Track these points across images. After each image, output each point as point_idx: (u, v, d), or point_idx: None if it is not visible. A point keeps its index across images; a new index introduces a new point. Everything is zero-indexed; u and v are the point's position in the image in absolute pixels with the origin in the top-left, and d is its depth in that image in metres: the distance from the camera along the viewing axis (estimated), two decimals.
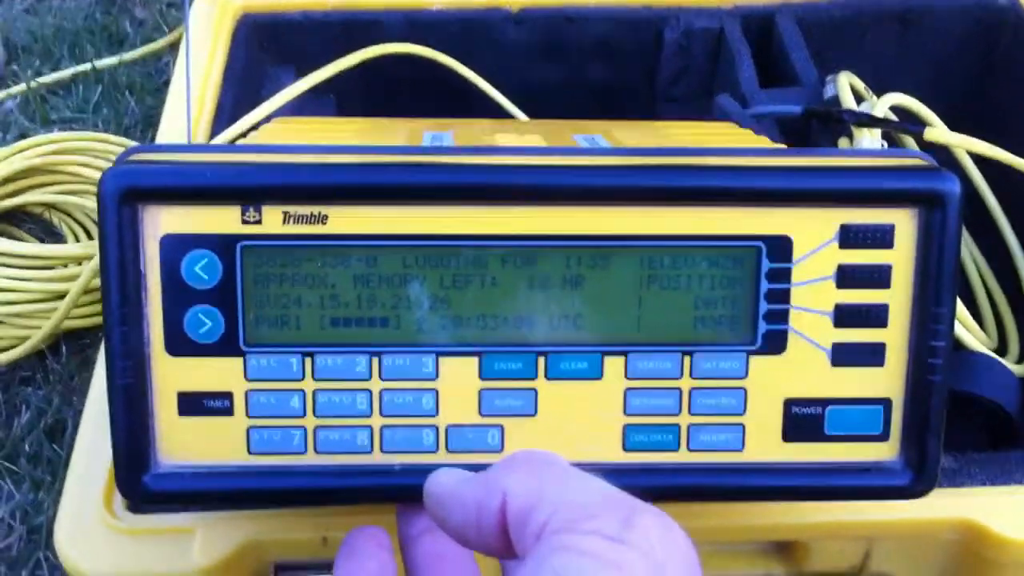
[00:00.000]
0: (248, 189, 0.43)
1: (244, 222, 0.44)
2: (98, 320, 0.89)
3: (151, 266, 0.44)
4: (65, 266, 0.90)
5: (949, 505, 0.53)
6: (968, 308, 0.65)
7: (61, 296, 0.87)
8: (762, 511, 0.52)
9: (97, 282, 0.82)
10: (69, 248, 0.92)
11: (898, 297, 0.45)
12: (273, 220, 0.44)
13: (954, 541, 0.53)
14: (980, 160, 0.72)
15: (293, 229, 0.44)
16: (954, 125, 0.74)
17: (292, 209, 0.44)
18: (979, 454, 0.55)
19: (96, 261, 0.82)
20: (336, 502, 0.48)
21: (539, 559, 0.30)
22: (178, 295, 0.44)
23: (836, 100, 0.73)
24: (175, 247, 0.44)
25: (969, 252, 0.76)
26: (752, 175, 0.44)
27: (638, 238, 0.44)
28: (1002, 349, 0.70)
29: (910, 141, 0.72)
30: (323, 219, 0.44)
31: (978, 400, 0.61)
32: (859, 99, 0.74)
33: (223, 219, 0.44)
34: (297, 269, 0.44)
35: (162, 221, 0.44)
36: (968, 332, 0.64)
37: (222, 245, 0.44)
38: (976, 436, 0.62)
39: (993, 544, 0.52)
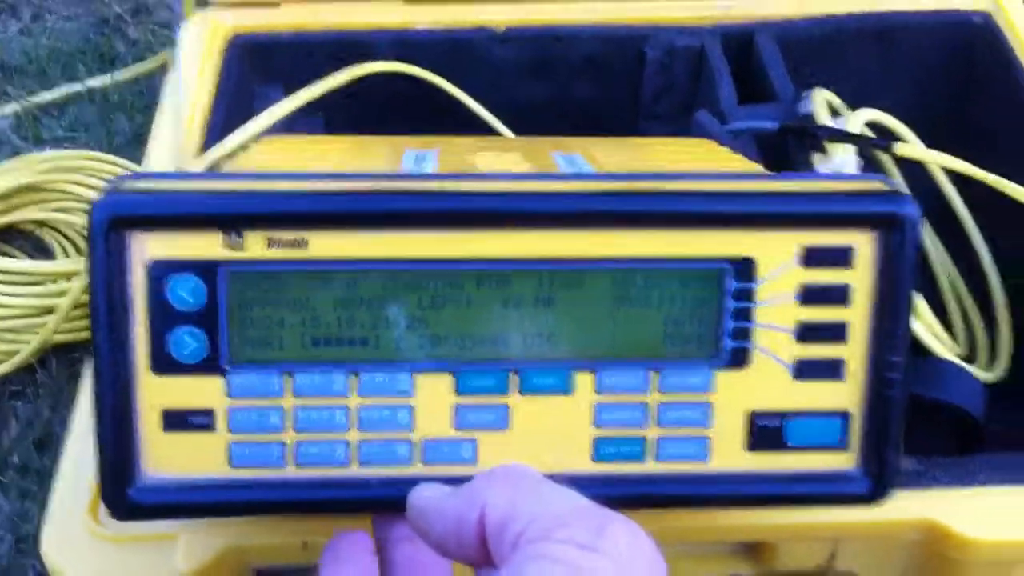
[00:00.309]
0: (231, 217, 0.45)
1: (227, 247, 0.45)
2: (87, 334, 0.89)
3: (137, 289, 0.45)
4: (55, 281, 0.92)
5: (913, 506, 0.54)
6: (938, 317, 0.67)
7: (51, 311, 0.88)
8: (730, 513, 0.53)
9: (86, 297, 0.83)
10: (59, 264, 0.93)
11: (857, 315, 0.46)
12: (256, 245, 0.45)
13: (918, 541, 0.55)
14: (955, 173, 0.73)
15: (275, 254, 0.45)
16: (934, 141, 0.75)
17: (274, 235, 0.45)
18: (943, 458, 0.56)
19: (85, 276, 0.83)
20: (315, 514, 0.50)
21: (515, 567, 0.32)
22: (163, 317, 0.45)
23: (812, 116, 0.74)
24: (161, 271, 0.45)
25: (940, 261, 0.77)
26: (718, 200, 0.46)
27: (609, 260, 0.46)
28: (971, 357, 0.72)
29: (885, 157, 0.74)
30: (304, 244, 0.45)
31: (946, 407, 0.62)
32: (835, 114, 0.75)
33: (207, 245, 0.45)
34: (279, 292, 0.45)
35: (149, 247, 0.45)
36: (937, 340, 0.66)
37: (206, 270, 0.45)
38: (944, 442, 0.63)
39: (955, 544, 0.54)
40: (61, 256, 0.96)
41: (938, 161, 0.71)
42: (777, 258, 0.46)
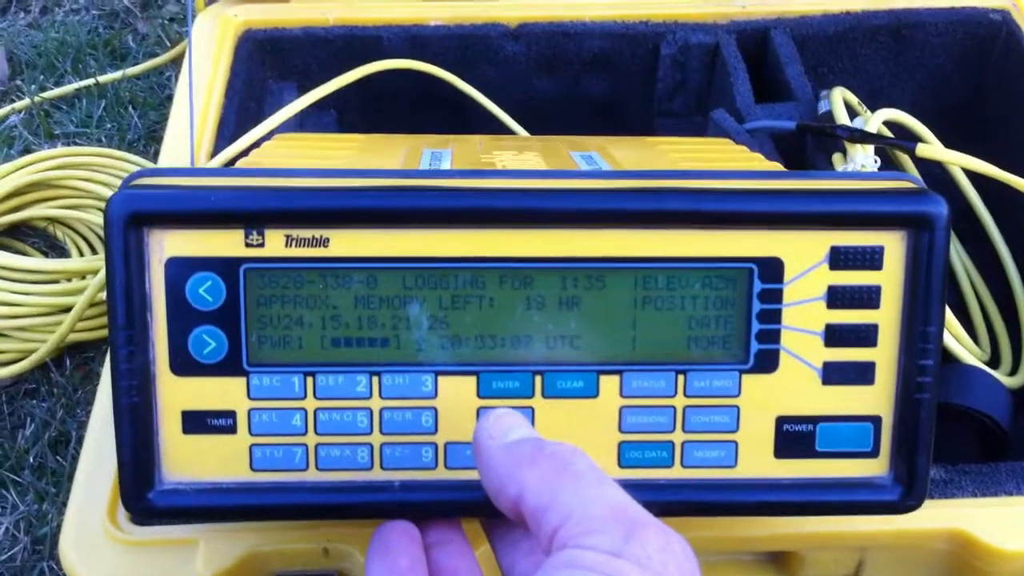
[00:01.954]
0: (251, 213, 0.44)
1: (247, 245, 0.45)
2: (102, 333, 0.90)
3: (156, 288, 0.45)
4: (69, 280, 0.91)
5: (940, 516, 0.54)
6: (961, 320, 0.66)
7: (65, 309, 0.88)
8: (757, 522, 0.53)
9: (101, 296, 0.83)
10: (73, 262, 0.92)
11: (887, 317, 0.46)
12: (276, 243, 0.45)
13: (945, 551, 0.54)
14: (974, 173, 0.73)
15: (295, 252, 0.45)
16: (949, 137, 0.75)
17: (294, 232, 0.45)
18: (969, 465, 0.56)
19: (101, 275, 0.83)
20: (336, 518, 0.49)
21: (548, 573, 0.33)
22: (182, 316, 0.45)
23: (830, 115, 0.74)
24: (180, 270, 0.45)
25: (962, 264, 0.76)
26: (744, 199, 0.45)
27: (632, 260, 0.45)
28: (995, 361, 0.71)
29: (904, 157, 0.73)
30: (325, 242, 0.45)
31: (970, 412, 0.62)
32: (853, 114, 0.75)
33: (227, 242, 0.45)
34: (299, 291, 0.45)
35: (167, 244, 0.45)
36: (961, 344, 0.65)
37: (226, 268, 0.45)
38: (968, 448, 0.62)
39: (983, 554, 0.53)
40: (75, 254, 0.96)
41: (959, 162, 0.70)
42: (805, 259, 0.46)
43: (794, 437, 0.47)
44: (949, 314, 0.64)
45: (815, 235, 0.45)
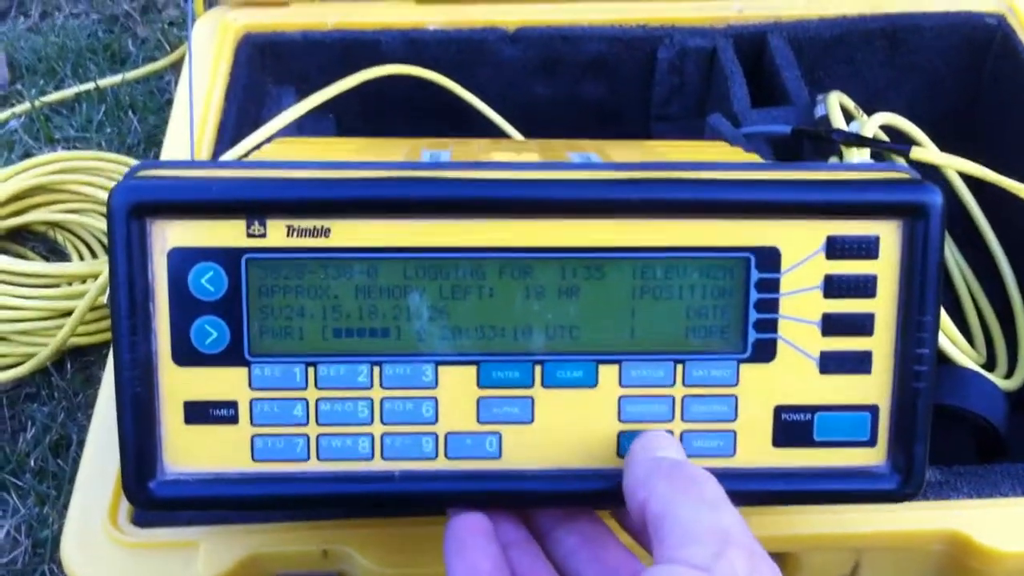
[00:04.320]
0: (253, 203, 0.45)
1: (249, 235, 0.45)
2: (103, 337, 0.90)
3: (159, 278, 0.45)
4: (70, 284, 0.91)
5: (936, 517, 0.54)
6: (957, 323, 0.66)
7: (66, 314, 0.88)
8: (753, 523, 0.53)
9: (102, 299, 0.83)
10: (74, 266, 0.93)
11: (884, 306, 0.46)
12: (277, 233, 0.45)
13: (941, 552, 0.54)
14: (969, 177, 0.73)
15: (297, 242, 0.45)
16: (945, 141, 0.75)
17: (296, 223, 0.45)
18: (965, 467, 0.56)
19: (101, 279, 0.83)
20: (338, 508, 0.49)
21: None
22: (185, 307, 0.45)
23: (826, 119, 0.74)
24: (182, 260, 0.45)
25: (958, 268, 0.77)
26: (741, 188, 0.45)
27: (631, 250, 0.46)
28: (991, 364, 0.71)
29: (899, 160, 0.73)
30: (326, 232, 0.45)
31: (966, 415, 0.62)
32: (849, 118, 0.75)
33: (229, 233, 0.45)
34: (300, 281, 0.45)
35: (169, 235, 0.45)
36: (956, 347, 0.65)
37: (228, 258, 0.45)
38: (964, 450, 0.63)
39: (979, 555, 0.53)
40: (76, 258, 0.96)
41: (955, 166, 0.71)
42: (802, 248, 0.46)
43: (792, 426, 0.47)
44: (945, 317, 0.65)
45: (812, 224, 0.46)
